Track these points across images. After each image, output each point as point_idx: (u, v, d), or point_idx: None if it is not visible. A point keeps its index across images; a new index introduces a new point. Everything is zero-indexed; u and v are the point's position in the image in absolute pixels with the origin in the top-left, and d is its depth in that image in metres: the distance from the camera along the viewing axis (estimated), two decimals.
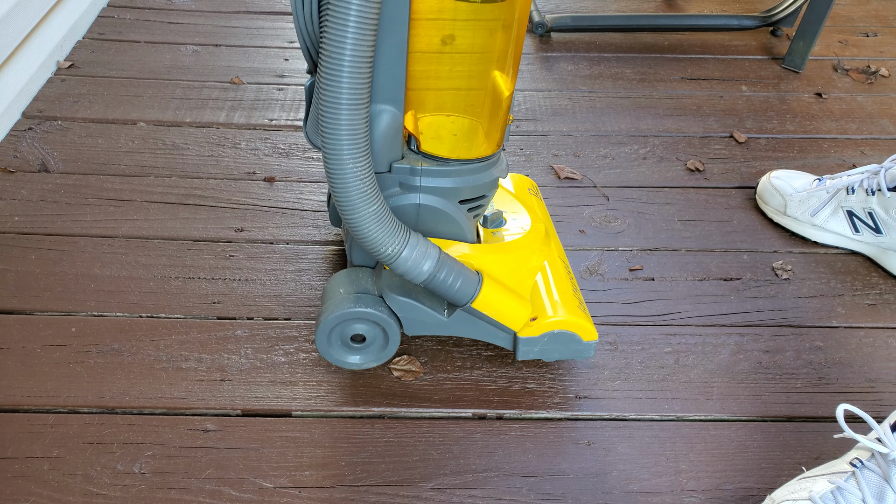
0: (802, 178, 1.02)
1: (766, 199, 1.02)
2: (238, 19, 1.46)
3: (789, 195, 0.98)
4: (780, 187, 1.00)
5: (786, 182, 1.01)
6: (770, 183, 1.02)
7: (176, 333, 0.84)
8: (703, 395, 0.80)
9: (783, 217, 0.99)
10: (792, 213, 0.98)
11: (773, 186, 1.01)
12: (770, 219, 1.02)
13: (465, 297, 0.69)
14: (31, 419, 0.75)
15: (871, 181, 0.93)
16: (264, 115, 1.20)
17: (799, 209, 0.98)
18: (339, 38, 0.53)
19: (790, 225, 0.99)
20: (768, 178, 1.03)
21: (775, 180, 1.02)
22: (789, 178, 1.02)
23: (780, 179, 1.01)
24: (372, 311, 0.72)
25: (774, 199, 1.00)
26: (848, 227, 0.95)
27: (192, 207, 1.01)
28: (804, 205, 0.97)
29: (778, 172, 1.03)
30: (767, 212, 1.02)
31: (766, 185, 1.02)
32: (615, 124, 1.22)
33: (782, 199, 0.99)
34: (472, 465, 0.73)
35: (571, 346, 0.76)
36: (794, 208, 0.98)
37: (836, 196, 0.95)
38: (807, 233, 0.98)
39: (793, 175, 1.02)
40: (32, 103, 1.19)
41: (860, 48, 1.46)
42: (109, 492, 0.69)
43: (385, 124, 0.65)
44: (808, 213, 0.96)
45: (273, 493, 0.70)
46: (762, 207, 1.03)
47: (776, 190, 1.00)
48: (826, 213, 0.95)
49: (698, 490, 0.72)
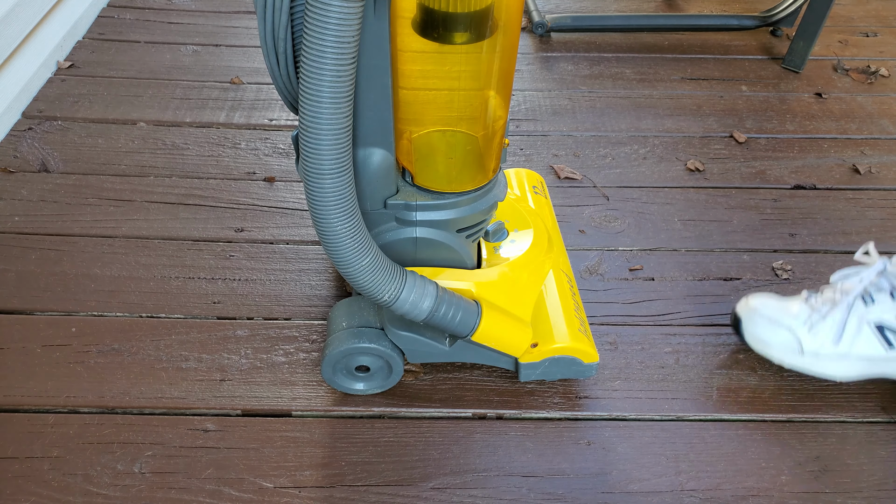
0: (788, 301, 0.80)
1: (768, 338, 0.76)
2: (238, 19, 1.46)
3: (797, 327, 0.75)
4: (779, 319, 0.76)
5: (779, 310, 0.77)
6: (763, 317, 0.77)
7: (176, 333, 0.84)
8: (703, 395, 0.80)
9: (800, 357, 0.75)
10: (811, 349, 0.75)
11: (769, 321, 0.76)
12: (779, 364, 0.78)
13: (465, 329, 0.69)
14: (32, 419, 0.75)
15: (891, 282, 0.73)
16: (264, 114, 1.20)
17: (816, 340, 0.74)
18: (314, 113, 0.53)
19: (809, 366, 0.75)
20: (755, 312, 0.78)
21: (766, 310, 0.77)
22: (776, 306, 0.78)
23: (769, 310, 0.77)
24: (375, 346, 0.73)
25: (779, 336, 0.76)
26: (880, 345, 0.73)
27: (192, 207, 1.01)
28: (821, 333, 0.74)
29: (756, 303, 0.79)
30: (772, 356, 0.77)
31: (759, 321, 0.77)
32: (615, 124, 1.22)
33: (791, 335, 0.75)
34: (472, 465, 0.73)
35: (573, 367, 0.77)
36: (810, 341, 0.74)
37: (852, 312, 0.74)
38: (831, 371, 0.76)
39: (775, 301, 0.80)
40: (32, 103, 1.19)
41: (860, 48, 1.46)
42: (109, 492, 0.69)
43: (376, 165, 0.65)
44: (831, 343, 0.74)
45: (273, 492, 0.70)
46: (762, 352, 0.78)
47: (776, 324, 0.76)
48: (850, 335, 0.73)
49: (698, 490, 0.72)
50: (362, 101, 0.60)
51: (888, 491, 0.72)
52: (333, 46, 0.50)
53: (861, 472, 0.74)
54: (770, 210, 1.06)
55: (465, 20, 0.57)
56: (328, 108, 0.53)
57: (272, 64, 0.58)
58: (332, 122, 0.53)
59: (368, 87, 0.59)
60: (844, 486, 0.72)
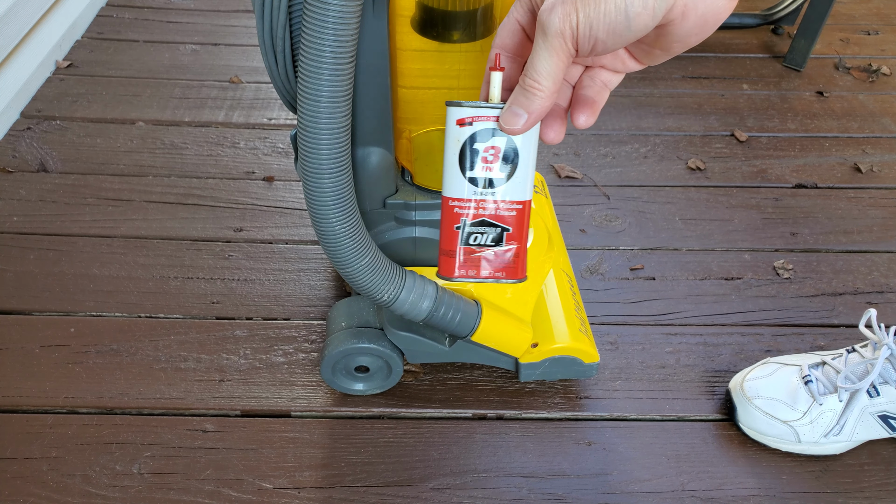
0: (782, 376, 0.75)
1: (765, 430, 0.74)
2: (237, 18, 1.46)
3: (794, 420, 0.72)
4: (776, 414, 0.73)
5: (776, 405, 0.73)
6: (759, 410, 0.74)
7: (175, 334, 0.84)
8: (704, 396, 0.80)
9: (797, 446, 0.74)
10: (810, 440, 0.73)
11: (765, 415, 0.73)
12: (776, 449, 0.76)
13: (465, 329, 0.69)
14: (30, 420, 0.75)
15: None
16: (263, 114, 1.20)
17: (815, 432, 0.72)
18: (313, 112, 0.52)
19: (806, 451, 0.74)
20: (749, 404, 0.74)
21: (762, 403, 0.74)
22: (773, 396, 0.74)
23: (765, 404, 0.74)
24: (374, 346, 0.72)
25: (776, 430, 0.73)
26: (884, 430, 0.73)
27: (191, 207, 1.01)
28: (821, 425, 0.72)
29: (751, 391, 0.75)
30: (769, 443, 0.75)
31: (755, 415, 0.74)
32: (616, 123, 1.22)
33: (788, 429, 0.73)
34: (472, 466, 0.73)
35: (573, 368, 0.76)
36: (809, 433, 0.72)
37: (853, 403, 0.71)
38: (831, 451, 0.74)
39: (771, 387, 0.75)
40: (31, 103, 1.18)
41: (861, 46, 1.46)
42: (108, 492, 0.69)
43: (375, 164, 0.65)
44: (833, 434, 0.72)
45: (272, 493, 0.70)
46: (758, 440, 0.76)
47: (773, 419, 0.73)
48: (852, 425, 0.72)
49: (699, 490, 0.71)
50: (361, 100, 0.60)
51: (889, 491, 0.72)
52: (332, 45, 0.50)
53: (862, 473, 0.73)
54: (771, 209, 1.05)
55: (464, 18, 0.57)
56: (327, 107, 0.52)
57: (270, 63, 0.58)
58: (331, 122, 0.53)
59: (367, 86, 0.59)
60: (845, 487, 0.72)
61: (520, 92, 0.40)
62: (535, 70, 0.38)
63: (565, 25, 0.36)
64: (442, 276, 0.45)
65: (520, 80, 0.40)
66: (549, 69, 0.38)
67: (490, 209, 0.44)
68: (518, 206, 0.44)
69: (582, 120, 0.42)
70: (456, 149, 0.42)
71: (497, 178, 0.43)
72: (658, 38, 0.37)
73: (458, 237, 0.44)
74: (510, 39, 0.42)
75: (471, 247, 0.44)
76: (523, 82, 0.39)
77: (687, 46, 0.37)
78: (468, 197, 0.43)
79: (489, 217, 0.44)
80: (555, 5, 0.36)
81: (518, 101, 0.40)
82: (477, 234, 0.44)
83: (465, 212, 0.44)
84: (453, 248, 0.44)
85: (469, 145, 0.42)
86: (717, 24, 0.36)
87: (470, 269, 0.46)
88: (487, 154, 0.43)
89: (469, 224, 0.44)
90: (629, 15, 0.34)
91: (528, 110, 0.40)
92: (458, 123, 0.42)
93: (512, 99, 0.40)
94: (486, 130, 0.42)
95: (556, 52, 0.37)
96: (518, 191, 0.44)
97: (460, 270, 0.45)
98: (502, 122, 0.41)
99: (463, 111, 0.42)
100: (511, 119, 0.41)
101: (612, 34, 0.35)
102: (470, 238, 0.44)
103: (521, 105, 0.40)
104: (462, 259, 0.45)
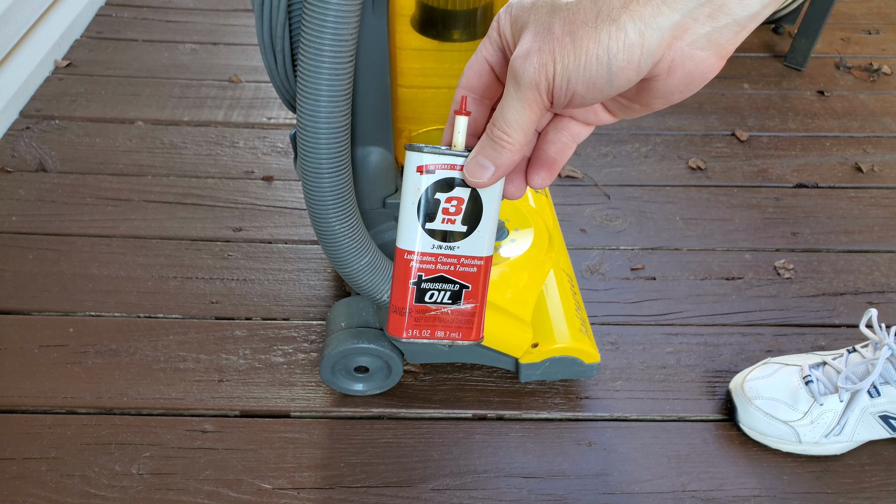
0: (783, 376, 0.76)
1: (765, 431, 0.74)
2: (236, 17, 1.46)
3: (795, 421, 0.73)
4: (777, 414, 0.73)
5: (776, 405, 0.74)
6: (759, 410, 0.74)
7: (174, 334, 0.84)
8: (704, 396, 0.80)
9: (798, 446, 0.74)
10: (810, 440, 0.73)
11: (765, 415, 0.74)
12: (776, 449, 0.76)
13: None
14: (29, 420, 0.74)
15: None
16: (263, 113, 1.19)
17: (816, 432, 0.73)
18: (312, 111, 0.52)
19: (807, 451, 0.74)
20: (750, 405, 0.75)
21: (762, 403, 0.74)
22: (773, 396, 0.74)
23: (765, 404, 0.74)
24: (374, 346, 0.72)
25: (776, 430, 0.74)
26: (885, 430, 0.73)
27: (190, 207, 1.01)
28: (821, 425, 0.73)
29: (752, 392, 0.75)
30: (769, 443, 0.75)
31: (756, 415, 0.74)
32: (616, 122, 1.22)
33: (789, 429, 0.73)
34: (472, 466, 0.72)
35: (574, 368, 0.76)
36: (809, 433, 0.73)
37: (854, 403, 0.72)
38: (831, 451, 0.75)
39: (771, 388, 0.75)
40: (30, 102, 1.18)
41: (862, 46, 1.46)
42: (107, 493, 0.69)
43: (375, 163, 0.64)
44: (833, 434, 0.73)
45: (272, 494, 0.69)
46: (758, 440, 0.76)
47: (774, 419, 0.73)
48: (852, 426, 0.72)
49: (700, 491, 0.71)
50: (361, 100, 0.60)
51: (890, 492, 0.72)
52: (331, 44, 0.49)
53: (863, 473, 0.73)
54: (772, 209, 1.05)
55: (464, 17, 0.56)
56: (326, 107, 0.52)
57: (270, 62, 0.58)
58: (330, 121, 0.53)
59: (367, 86, 0.59)
60: (846, 487, 0.72)
61: (487, 143, 0.36)
62: (505, 121, 0.35)
63: (541, 76, 0.32)
64: (390, 335, 0.42)
65: (487, 128, 0.36)
66: (519, 121, 0.35)
67: (449, 264, 0.40)
68: (479, 263, 0.40)
69: (538, 181, 0.39)
70: (415, 197, 0.38)
71: (458, 231, 0.39)
72: (639, 94, 0.34)
73: (412, 293, 0.40)
74: (477, 80, 0.38)
75: (426, 304, 0.40)
76: (491, 132, 0.36)
77: (669, 104, 0.34)
78: (425, 251, 0.39)
79: (447, 273, 0.40)
80: (529, 53, 0.32)
81: (485, 152, 0.36)
82: (434, 290, 0.40)
83: (421, 266, 0.40)
84: (403, 306, 0.40)
85: (430, 195, 0.38)
86: (702, 83, 0.32)
87: (424, 328, 0.40)
88: (449, 205, 0.39)
89: (425, 280, 0.40)
90: (612, 69, 0.31)
91: (496, 163, 0.36)
92: (419, 170, 0.38)
93: (478, 149, 0.37)
94: (449, 179, 0.39)
95: (529, 104, 0.34)
96: (479, 246, 0.40)
97: (412, 330, 0.40)
98: (467, 173, 0.37)
99: (424, 157, 0.38)
100: (476, 171, 0.37)
101: (591, 88, 0.32)
102: (426, 295, 0.40)
103: (487, 157, 0.36)
104: (414, 317, 0.40)
